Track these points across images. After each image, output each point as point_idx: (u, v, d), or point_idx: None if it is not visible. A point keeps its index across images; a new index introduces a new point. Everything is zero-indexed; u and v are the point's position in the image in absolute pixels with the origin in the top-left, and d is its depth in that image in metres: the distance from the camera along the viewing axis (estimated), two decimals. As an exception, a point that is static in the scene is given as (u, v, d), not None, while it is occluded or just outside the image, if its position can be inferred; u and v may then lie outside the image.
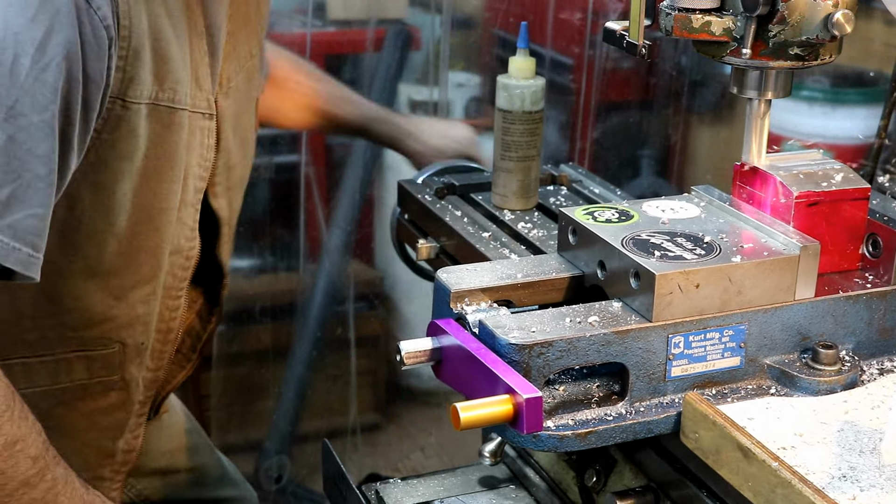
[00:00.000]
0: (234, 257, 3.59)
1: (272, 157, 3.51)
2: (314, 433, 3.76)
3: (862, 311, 1.41)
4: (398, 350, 1.33)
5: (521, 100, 1.76)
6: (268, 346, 3.71)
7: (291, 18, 3.68)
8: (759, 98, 1.48)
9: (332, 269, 3.66)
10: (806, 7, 1.38)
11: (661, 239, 1.40)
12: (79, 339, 1.70)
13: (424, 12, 3.82)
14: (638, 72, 3.79)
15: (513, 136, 1.77)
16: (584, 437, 1.30)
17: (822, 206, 1.43)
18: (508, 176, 1.78)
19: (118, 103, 1.55)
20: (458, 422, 1.22)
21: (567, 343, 1.28)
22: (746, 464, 1.24)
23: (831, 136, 3.48)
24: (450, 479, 1.67)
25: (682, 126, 3.78)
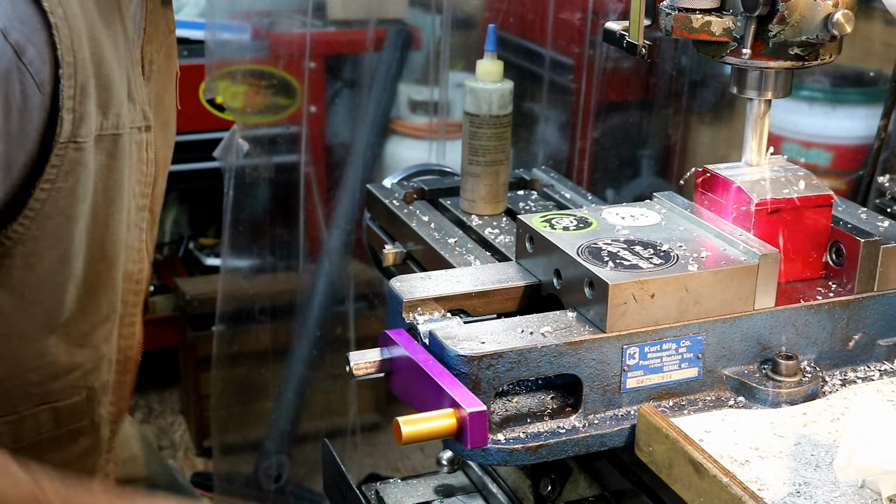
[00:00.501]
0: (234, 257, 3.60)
1: (272, 157, 3.50)
2: (314, 433, 3.76)
3: (824, 320, 1.39)
4: (347, 361, 1.31)
5: (488, 103, 1.72)
6: (267, 346, 3.70)
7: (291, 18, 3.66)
8: (759, 98, 1.47)
9: (332, 269, 3.65)
10: (806, 7, 1.37)
11: (618, 247, 1.37)
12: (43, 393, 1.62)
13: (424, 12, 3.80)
14: (638, 72, 3.76)
15: (480, 140, 1.73)
16: (535, 451, 1.28)
17: (783, 214, 1.41)
18: (476, 181, 1.75)
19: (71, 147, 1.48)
20: (399, 436, 1.20)
21: (517, 354, 1.26)
22: (698, 479, 1.22)
23: (831, 136, 3.45)
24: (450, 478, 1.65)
25: (682, 126, 3.76)
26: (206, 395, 3.87)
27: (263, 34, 3.57)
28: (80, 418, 1.68)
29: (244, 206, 3.47)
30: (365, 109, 3.76)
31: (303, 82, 3.55)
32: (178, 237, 4.50)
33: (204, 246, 4.43)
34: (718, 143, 3.75)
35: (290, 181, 3.55)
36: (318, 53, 3.75)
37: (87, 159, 1.51)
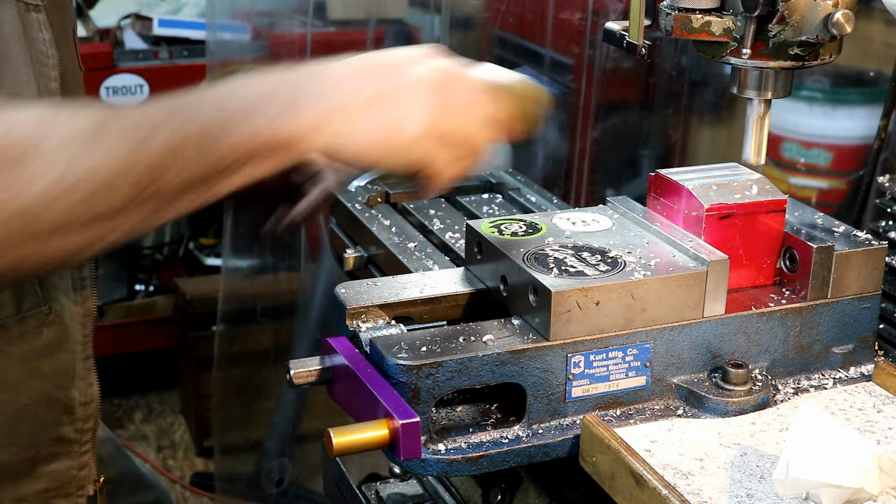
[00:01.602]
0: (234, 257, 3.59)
1: (272, 157, 3.48)
2: (315, 434, 3.75)
3: (776, 327, 1.36)
4: (287, 369, 1.30)
5: None
6: (268, 346, 3.69)
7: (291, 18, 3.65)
8: (759, 98, 1.46)
9: (331, 269, 3.63)
10: (806, 7, 1.36)
11: (566, 253, 1.35)
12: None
13: (424, 12, 3.79)
14: (638, 72, 3.74)
15: None
16: (476, 461, 1.26)
17: (735, 219, 1.38)
18: None
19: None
20: (331, 447, 1.18)
21: (458, 363, 1.24)
22: (639, 491, 1.20)
23: (831, 136, 3.42)
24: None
25: (682, 126, 3.73)
26: (206, 395, 3.88)
27: (264, 34, 3.57)
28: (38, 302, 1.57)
29: (245, 206, 3.46)
30: (365, 109, 3.74)
31: (303, 82, 3.53)
32: (178, 237, 4.50)
33: (204, 246, 4.43)
34: (718, 143, 3.72)
35: (290, 181, 3.54)
36: (319, 53, 3.73)
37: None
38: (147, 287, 4.24)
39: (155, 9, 4.16)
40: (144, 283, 4.25)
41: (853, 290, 1.39)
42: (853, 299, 1.39)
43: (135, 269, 4.28)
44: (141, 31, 4.09)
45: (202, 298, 3.96)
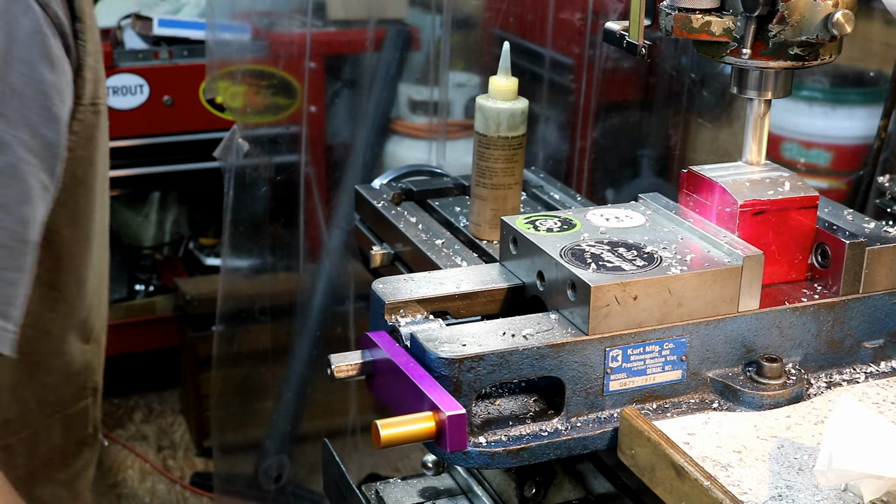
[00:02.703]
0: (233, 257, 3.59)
1: (272, 157, 3.50)
2: (314, 433, 3.76)
3: (809, 322, 1.38)
4: (328, 363, 1.31)
5: (496, 123, 1.64)
6: (267, 346, 3.70)
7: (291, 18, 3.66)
8: (759, 98, 1.47)
9: (332, 269, 3.65)
10: (806, 7, 1.37)
11: (602, 249, 1.37)
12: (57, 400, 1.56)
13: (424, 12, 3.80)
14: (638, 72, 3.75)
15: (488, 161, 1.66)
16: (517, 454, 1.27)
17: (768, 215, 1.40)
18: (482, 204, 1.67)
19: (90, 110, 1.41)
20: (378, 439, 1.19)
21: (499, 357, 1.25)
22: (680, 482, 1.21)
23: (831, 136, 3.44)
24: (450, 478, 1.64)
25: (682, 126, 3.74)
26: (206, 395, 3.88)
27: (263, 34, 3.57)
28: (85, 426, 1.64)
29: (244, 206, 3.47)
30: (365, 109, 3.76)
31: (303, 82, 3.55)
32: (178, 237, 4.50)
33: (204, 246, 4.44)
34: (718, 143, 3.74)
35: (290, 181, 3.55)
36: (318, 53, 3.75)
37: (102, 124, 1.44)
38: (147, 287, 4.25)
39: (155, 9, 4.17)
40: (144, 283, 4.26)
41: (884, 286, 1.41)
42: (884, 294, 1.41)
43: (135, 269, 4.29)
44: (141, 31, 4.09)
45: (202, 298, 3.96)
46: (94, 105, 1.43)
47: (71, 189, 1.43)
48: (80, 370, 1.59)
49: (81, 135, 1.42)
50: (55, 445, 1.61)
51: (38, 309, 1.47)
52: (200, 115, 4.04)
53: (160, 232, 4.47)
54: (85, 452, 1.67)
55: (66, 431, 1.62)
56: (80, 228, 1.47)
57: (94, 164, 1.44)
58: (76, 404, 1.62)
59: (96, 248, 1.52)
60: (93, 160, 1.44)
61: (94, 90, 1.41)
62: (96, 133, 1.44)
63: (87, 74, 1.40)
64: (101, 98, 1.43)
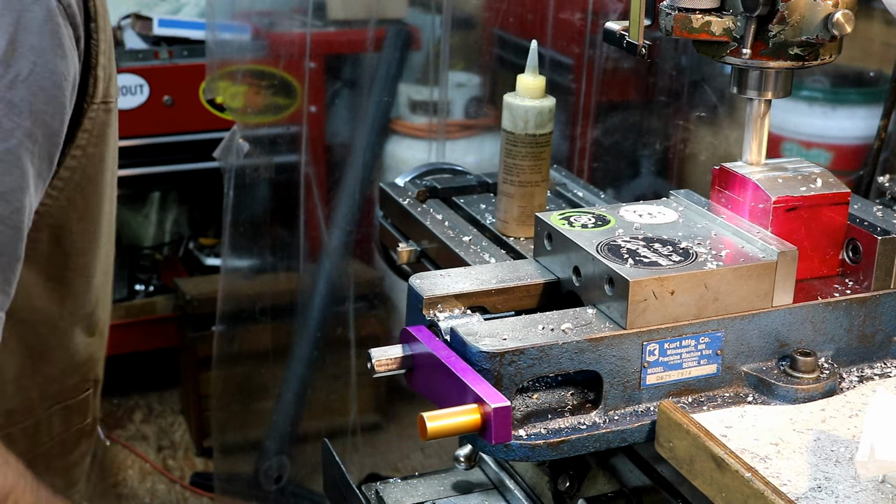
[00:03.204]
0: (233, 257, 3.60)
1: (272, 157, 3.51)
2: (314, 433, 3.76)
3: (841, 317, 1.39)
4: (369, 357, 1.32)
5: (524, 121, 1.65)
6: (268, 346, 3.71)
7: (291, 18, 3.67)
8: (759, 98, 1.47)
9: (332, 269, 3.65)
10: (806, 7, 1.37)
11: (637, 245, 1.38)
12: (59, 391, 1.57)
13: (424, 12, 3.81)
14: (638, 72, 3.77)
15: (515, 159, 1.67)
16: (557, 447, 1.28)
17: (800, 211, 1.42)
18: (510, 201, 1.69)
19: (101, 108, 1.42)
20: (424, 431, 1.20)
21: (539, 351, 1.27)
22: (720, 474, 1.22)
23: (831, 136, 3.46)
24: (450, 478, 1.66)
25: (682, 126, 3.76)
26: (206, 395, 3.88)
27: (263, 34, 3.58)
28: (85, 415, 1.66)
29: (244, 206, 3.47)
30: (365, 109, 3.76)
31: (303, 82, 3.55)
32: (178, 237, 4.50)
33: (204, 246, 4.44)
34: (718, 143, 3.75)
35: (290, 181, 3.56)
36: (318, 53, 3.76)
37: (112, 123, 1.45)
38: (147, 287, 4.25)
39: (155, 9, 4.17)
40: (144, 283, 4.26)
41: (915, 281, 1.43)
42: (915, 289, 1.42)
43: (135, 269, 4.29)
44: (141, 31, 4.10)
45: (202, 298, 3.97)
46: (106, 104, 1.44)
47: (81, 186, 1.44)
48: (84, 362, 1.60)
49: (93, 132, 1.43)
50: (55, 435, 1.62)
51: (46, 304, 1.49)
52: (200, 115, 4.04)
53: (160, 232, 4.47)
54: (83, 442, 1.68)
55: (65, 421, 1.63)
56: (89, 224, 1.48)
57: (104, 162, 1.45)
58: (77, 395, 1.63)
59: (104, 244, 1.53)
60: (103, 157, 1.45)
61: (105, 89, 1.42)
62: (107, 131, 1.45)
63: (100, 73, 1.41)
64: (111, 97, 1.44)
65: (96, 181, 1.46)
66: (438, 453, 3.99)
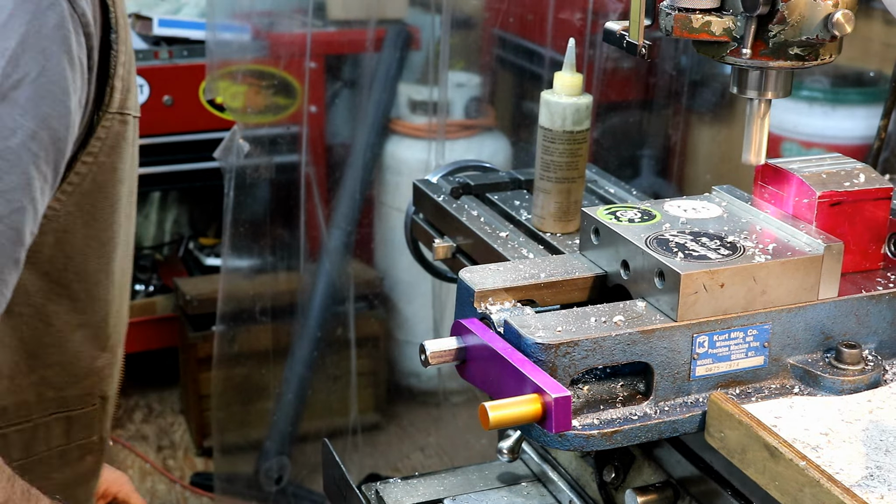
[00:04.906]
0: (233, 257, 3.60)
1: (272, 157, 3.51)
2: (314, 433, 3.77)
3: (885, 310, 1.42)
4: (423, 350, 1.33)
5: (561, 118, 1.68)
6: (268, 346, 3.71)
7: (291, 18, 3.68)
8: (759, 98, 1.48)
9: (332, 269, 3.66)
10: (806, 7, 1.38)
11: (685, 238, 1.40)
12: (59, 399, 1.56)
13: (424, 12, 3.82)
14: (638, 72, 3.79)
15: (552, 155, 1.69)
16: (610, 437, 1.30)
17: (844, 206, 1.44)
18: (546, 197, 1.70)
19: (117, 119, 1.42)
20: (486, 421, 1.22)
21: (593, 342, 1.28)
22: (773, 463, 1.24)
23: (831, 136, 3.49)
24: (450, 478, 1.67)
25: (682, 126, 3.78)
26: (206, 395, 3.88)
27: (264, 34, 3.59)
28: (91, 432, 1.64)
29: (244, 206, 3.48)
30: (365, 109, 3.77)
31: (303, 82, 3.56)
32: (178, 237, 4.50)
33: (204, 246, 4.44)
34: (718, 143, 3.78)
35: (290, 181, 3.57)
36: (318, 53, 3.76)
37: (129, 135, 1.44)
38: (147, 287, 4.24)
39: (155, 9, 4.17)
40: (144, 283, 4.25)
41: (955, 274, 1.45)
42: (955, 282, 1.45)
43: (135, 269, 4.26)
44: (141, 31, 4.09)
45: (202, 298, 3.97)
46: (122, 115, 1.43)
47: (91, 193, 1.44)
48: (88, 374, 1.58)
49: (106, 141, 1.42)
50: (54, 445, 1.60)
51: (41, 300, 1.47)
52: (200, 115, 4.04)
53: (160, 232, 4.47)
54: (87, 459, 1.65)
55: (66, 433, 1.61)
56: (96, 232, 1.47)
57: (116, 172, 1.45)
58: (81, 408, 1.60)
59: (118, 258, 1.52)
60: (115, 168, 1.45)
61: (122, 100, 1.42)
62: (122, 142, 1.44)
63: (117, 83, 1.41)
64: (129, 109, 1.44)
65: (107, 190, 1.45)
66: (438, 453, 4.00)
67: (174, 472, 4.03)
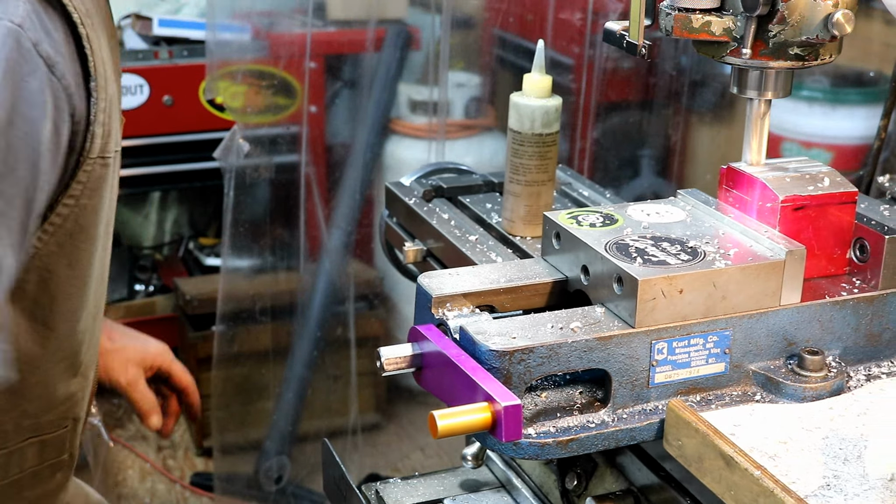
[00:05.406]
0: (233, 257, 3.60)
1: (272, 157, 3.50)
2: (314, 433, 3.76)
3: (849, 316, 1.40)
4: (378, 356, 1.32)
5: (530, 120, 1.66)
6: (268, 346, 3.70)
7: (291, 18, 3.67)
8: (759, 98, 1.47)
9: (332, 269, 3.65)
10: (806, 7, 1.37)
11: (646, 244, 1.38)
12: (35, 425, 1.59)
13: (424, 12, 3.81)
14: (638, 72, 3.78)
15: (521, 158, 1.67)
16: (566, 445, 1.28)
17: (808, 210, 1.42)
18: (516, 200, 1.69)
19: (98, 163, 1.45)
20: (435, 430, 1.21)
21: (548, 349, 1.27)
22: (729, 472, 1.23)
23: (831, 136, 3.47)
24: (450, 478, 1.66)
25: (682, 126, 3.77)
26: (206, 395, 3.87)
27: (264, 34, 3.58)
28: (62, 451, 1.66)
29: (244, 206, 3.47)
30: (365, 109, 3.77)
31: (303, 82, 3.55)
32: (178, 237, 4.50)
33: (204, 246, 4.44)
34: (718, 143, 3.76)
35: (290, 181, 3.56)
36: (318, 53, 3.75)
37: (109, 176, 1.48)
38: (147, 287, 4.24)
39: (155, 9, 4.17)
40: (144, 283, 4.25)
41: (922, 280, 1.43)
42: (922, 288, 1.43)
43: (135, 269, 4.28)
44: (141, 31, 4.10)
45: (202, 298, 3.96)
46: (103, 158, 1.46)
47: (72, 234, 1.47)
48: (63, 401, 1.60)
49: (87, 185, 1.46)
50: (27, 467, 1.62)
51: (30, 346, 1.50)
52: (200, 115, 4.04)
53: (160, 232, 4.47)
54: (57, 476, 1.68)
55: (39, 454, 1.63)
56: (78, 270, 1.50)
57: (97, 214, 1.49)
58: (54, 431, 1.63)
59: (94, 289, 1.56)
60: (96, 209, 1.48)
61: (103, 145, 1.45)
62: (103, 184, 1.48)
63: (97, 130, 1.44)
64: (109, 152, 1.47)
65: (88, 231, 1.49)
66: (438, 453, 3.99)
67: (174, 472, 4.03)
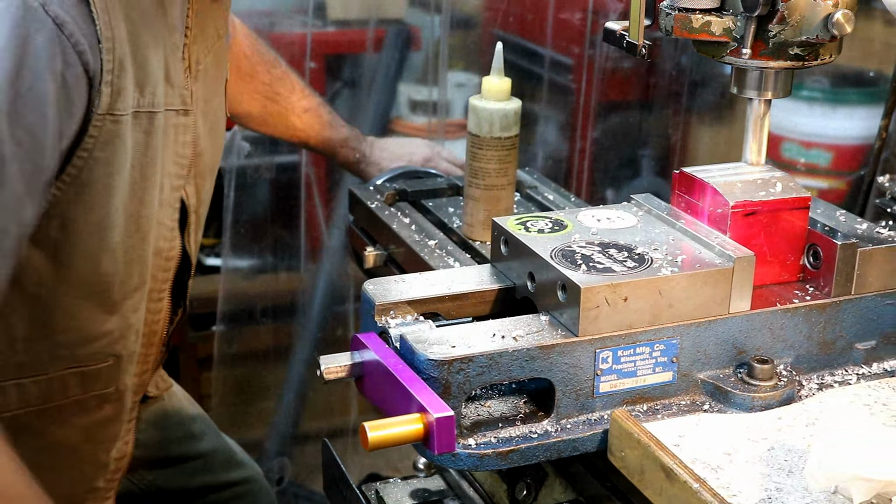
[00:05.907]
0: (233, 257, 3.59)
1: (272, 157, 3.50)
2: (315, 433, 3.75)
3: (801, 324, 1.37)
4: (318, 364, 1.31)
5: (489, 124, 1.65)
6: (268, 346, 3.70)
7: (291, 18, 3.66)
8: (759, 98, 1.47)
9: (332, 269, 3.65)
10: (806, 7, 1.37)
11: (592, 250, 1.36)
12: (72, 356, 1.67)
13: (424, 12, 3.80)
14: (638, 72, 3.75)
15: (480, 162, 1.66)
16: (506, 456, 1.27)
17: (759, 216, 1.40)
18: (475, 204, 1.68)
19: (108, 119, 1.52)
20: (366, 441, 1.19)
21: (488, 358, 1.25)
22: (669, 484, 1.21)
23: (831, 136, 3.44)
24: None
25: (682, 126, 3.74)
26: (206, 395, 3.87)
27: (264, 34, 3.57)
28: (107, 385, 1.72)
29: (245, 206, 3.47)
30: (365, 109, 3.75)
31: (303, 82, 3.54)
32: (179, 237, 4.49)
33: (204, 246, 4.42)
34: (718, 143, 3.73)
35: (290, 181, 3.55)
36: (319, 53, 3.74)
37: (123, 133, 1.54)
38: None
39: (155, 9, 4.16)
40: (144, 282, 4.25)
41: (876, 287, 1.40)
42: (876, 296, 1.40)
43: (135, 270, 4.28)
44: (141, 31, 4.09)
45: (202, 298, 3.94)
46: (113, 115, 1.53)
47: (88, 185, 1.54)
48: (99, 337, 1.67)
49: (99, 139, 1.52)
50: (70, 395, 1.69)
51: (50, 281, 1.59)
52: (200, 116, 4.02)
53: (160, 231, 4.46)
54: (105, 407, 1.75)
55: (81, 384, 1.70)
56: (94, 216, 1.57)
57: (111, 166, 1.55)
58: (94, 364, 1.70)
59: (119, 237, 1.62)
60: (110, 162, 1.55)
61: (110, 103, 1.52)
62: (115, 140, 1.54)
63: (104, 89, 1.50)
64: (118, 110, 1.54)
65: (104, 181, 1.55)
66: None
67: (174, 472, 4.03)
